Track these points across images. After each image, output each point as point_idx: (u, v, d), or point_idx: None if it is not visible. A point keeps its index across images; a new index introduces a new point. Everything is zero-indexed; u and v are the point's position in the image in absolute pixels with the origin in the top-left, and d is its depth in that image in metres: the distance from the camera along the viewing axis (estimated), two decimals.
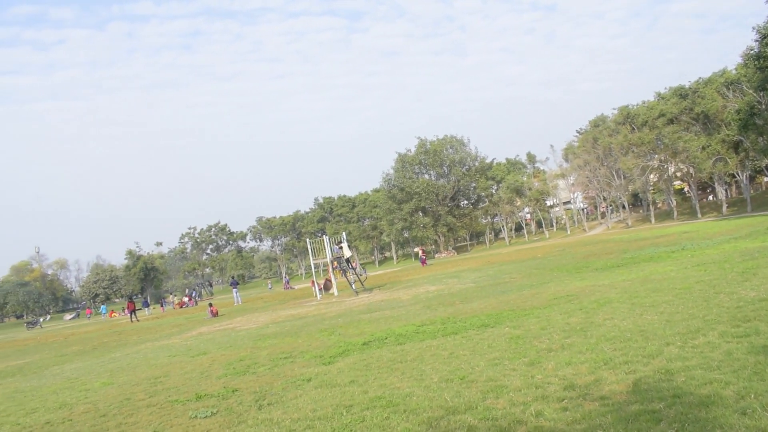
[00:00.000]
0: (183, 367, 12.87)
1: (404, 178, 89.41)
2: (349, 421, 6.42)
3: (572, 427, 5.38)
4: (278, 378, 9.60)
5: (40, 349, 27.69)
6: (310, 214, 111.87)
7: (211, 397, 8.93)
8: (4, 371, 18.99)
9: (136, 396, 10.09)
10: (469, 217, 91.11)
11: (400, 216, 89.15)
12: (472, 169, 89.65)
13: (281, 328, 18.19)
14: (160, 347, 18.44)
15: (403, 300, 20.88)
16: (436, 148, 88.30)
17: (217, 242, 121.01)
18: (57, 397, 11.43)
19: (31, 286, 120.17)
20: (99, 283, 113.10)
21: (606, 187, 72.54)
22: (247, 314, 27.59)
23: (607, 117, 74.98)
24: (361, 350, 11.14)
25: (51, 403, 10.82)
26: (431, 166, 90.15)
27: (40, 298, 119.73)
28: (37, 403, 11.16)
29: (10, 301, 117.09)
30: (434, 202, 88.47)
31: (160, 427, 7.57)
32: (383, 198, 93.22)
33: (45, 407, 10.51)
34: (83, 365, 16.97)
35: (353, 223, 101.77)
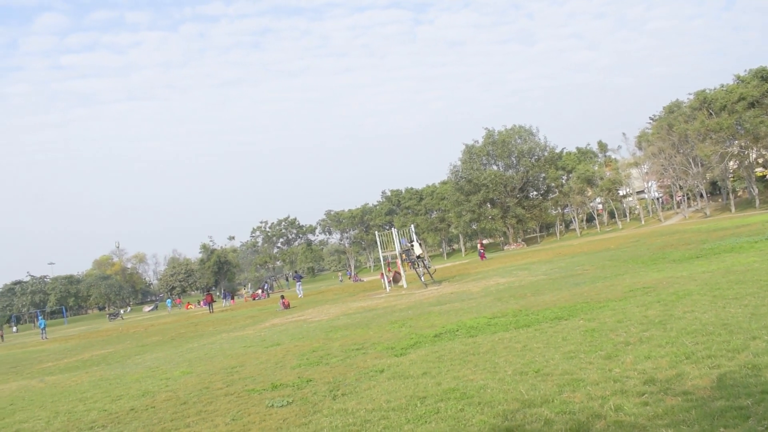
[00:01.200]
0: (258, 357, 13.18)
1: (472, 169, 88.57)
2: (424, 413, 6.43)
3: (654, 422, 5.24)
4: (351, 369, 9.72)
5: (122, 339, 28.86)
6: (378, 207, 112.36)
7: (286, 386, 9.12)
8: (90, 360, 19.90)
9: (214, 385, 10.40)
10: (539, 208, 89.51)
11: (468, 208, 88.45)
12: (541, 159, 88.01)
13: (352, 319, 18.38)
14: (235, 338, 18.92)
15: (473, 292, 20.74)
16: (504, 139, 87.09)
17: (287, 236, 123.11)
18: (140, 385, 11.90)
19: (113, 280, 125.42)
20: (175, 276, 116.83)
21: (682, 176, 69.97)
22: (318, 306, 27.99)
23: (682, 102, 72.26)
24: (433, 342, 11.15)
25: (134, 391, 11.28)
26: (499, 156, 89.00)
27: (120, 291, 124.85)
28: (122, 390, 11.65)
29: (93, 293, 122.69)
30: (503, 193, 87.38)
31: (239, 415, 7.77)
32: (451, 190, 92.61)
33: (129, 395, 10.97)
34: (163, 355, 17.60)
35: (421, 215, 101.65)
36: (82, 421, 9.06)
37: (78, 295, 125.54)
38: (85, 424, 8.84)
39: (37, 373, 18.40)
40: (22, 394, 13.75)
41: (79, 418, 9.42)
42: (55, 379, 15.60)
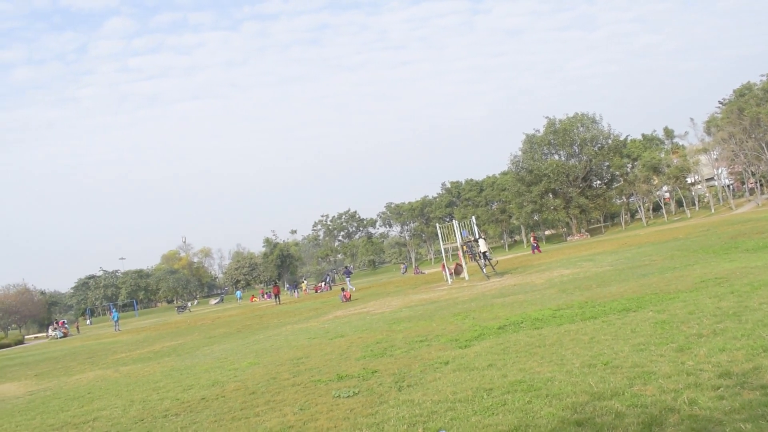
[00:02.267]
0: (322, 348, 13.36)
1: (533, 159, 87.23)
2: (490, 404, 6.40)
3: (730, 417, 5.08)
4: (415, 360, 9.74)
5: (190, 331, 29.71)
6: (437, 199, 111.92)
7: (351, 377, 9.22)
8: (161, 351, 20.55)
9: (281, 375, 10.60)
10: (603, 197, 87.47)
11: (530, 198, 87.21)
12: (604, 147, 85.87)
13: (414, 312, 18.41)
14: (300, 330, 19.22)
15: (537, 284, 20.48)
16: (566, 127, 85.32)
17: (348, 229, 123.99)
18: (209, 376, 12.23)
19: (180, 273, 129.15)
20: (240, 270, 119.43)
21: (754, 161, 67.20)
22: (380, 298, 28.14)
23: (754, 84, 69.33)
24: (497, 334, 11.07)
25: (204, 381, 11.60)
26: (561, 145, 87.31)
27: (187, 284, 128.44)
28: (192, 380, 11.99)
29: (161, 287, 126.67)
30: (565, 183, 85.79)
31: (306, 405, 7.90)
32: (511, 181, 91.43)
33: (199, 384, 11.29)
34: (230, 346, 18.04)
35: (481, 207, 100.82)
36: (157, 410, 9.37)
37: (147, 288, 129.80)
38: (159, 412, 9.14)
39: (112, 363, 19.12)
40: (98, 383, 14.32)
41: (154, 406, 9.75)
42: (129, 369, 16.18)
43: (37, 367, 22.83)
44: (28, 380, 18.21)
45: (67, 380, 16.22)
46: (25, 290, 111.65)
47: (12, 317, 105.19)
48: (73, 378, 16.52)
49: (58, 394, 13.46)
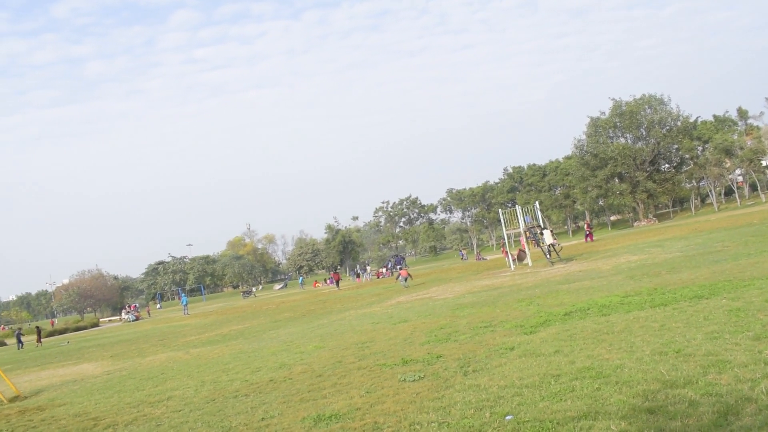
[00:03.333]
0: (386, 333, 13.47)
1: (598, 143, 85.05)
2: (558, 390, 6.34)
3: None
4: (480, 346, 9.72)
5: (256, 315, 30.37)
6: (499, 184, 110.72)
7: (416, 362, 9.27)
8: (228, 335, 21.10)
9: (346, 359, 10.75)
10: (671, 181, 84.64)
11: (595, 183, 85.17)
12: (673, 129, 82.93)
13: (477, 297, 18.34)
14: (363, 315, 19.41)
15: (603, 270, 20.08)
16: (633, 109, 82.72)
17: (409, 215, 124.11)
18: (276, 358, 12.50)
19: (245, 259, 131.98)
20: (303, 256, 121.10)
21: None
22: (443, 284, 28.13)
23: None
24: (563, 321, 10.92)
25: (272, 364, 11.87)
26: (627, 128, 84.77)
27: (252, 270, 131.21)
28: (260, 363, 12.28)
29: (227, 272, 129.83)
30: (631, 167, 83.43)
31: (372, 388, 8.00)
32: (575, 165, 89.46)
33: (267, 367, 11.56)
34: (295, 330, 18.37)
35: (544, 192, 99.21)
36: (227, 390, 9.65)
37: (214, 274, 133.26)
38: (230, 392, 9.41)
39: (183, 345, 19.75)
40: (170, 364, 14.83)
41: (224, 387, 10.04)
42: (199, 352, 16.68)
43: (112, 349, 23.79)
44: (105, 361, 19.00)
45: (141, 361, 16.85)
46: (100, 275, 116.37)
47: (87, 301, 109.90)
48: (147, 359, 17.14)
49: (133, 374, 14.01)
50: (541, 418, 5.57)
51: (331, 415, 6.88)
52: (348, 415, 6.75)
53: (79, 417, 9.55)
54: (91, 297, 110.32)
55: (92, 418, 9.25)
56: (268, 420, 7.19)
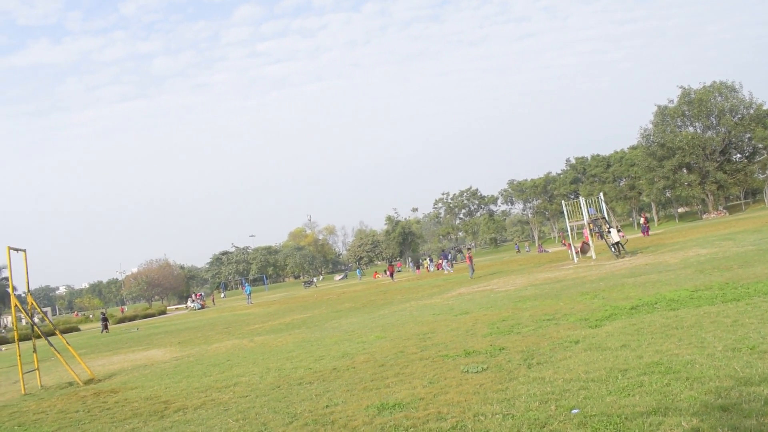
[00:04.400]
0: (448, 324, 13.46)
1: (665, 132, 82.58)
2: (626, 385, 6.22)
3: None
4: (544, 339, 9.61)
5: (318, 305, 30.79)
6: (562, 175, 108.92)
7: (479, 353, 9.24)
8: (291, 323, 21.46)
9: (408, 349, 10.79)
10: (743, 172, 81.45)
11: (662, 174, 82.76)
12: (745, 117, 79.69)
13: (540, 290, 18.11)
14: (424, 306, 19.43)
15: (671, 263, 19.52)
16: (702, 97, 79.87)
17: (469, 207, 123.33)
18: (339, 348, 12.65)
19: (306, 250, 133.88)
20: (363, 247, 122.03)
21: None
22: (504, 276, 27.89)
23: None
24: (630, 314, 10.69)
25: (334, 352, 12.02)
26: (696, 117, 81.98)
27: (313, 261, 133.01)
28: (323, 351, 12.46)
29: (289, 263, 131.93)
30: (700, 157, 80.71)
31: (435, 378, 8.01)
32: (641, 155, 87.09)
33: (330, 355, 11.71)
34: (356, 320, 18.54)
35: (608, 183, 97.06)
36: (291, 378, 9.83)
37: (276, 264, 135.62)
38: (294, 380, 9.58)
39: (247, 333, 20.20)
40: (236, 351, 15.19)
41: (288, 374, 10.23)
42: (263, 340, 17.03)
43: (179, 336, 24.53)
44: (173, 347, 19.61)
45: (207, 348, 17.32)
46: (167, 265, 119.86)
47: (155, 289, 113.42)
48: (213, 346, 17.61)
49: (200, 361, 14.42)
50: (609, 412, 5.47)
51: (395, 404, 6.93)
52: (411, 405, 6.79)
53: (150, 400, 9.89)
54: (159, 285, 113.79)
55: (163, 401, 9.57)
56: (332, 407, 7.30)
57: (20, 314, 16.75)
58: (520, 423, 5.55)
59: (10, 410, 11.23)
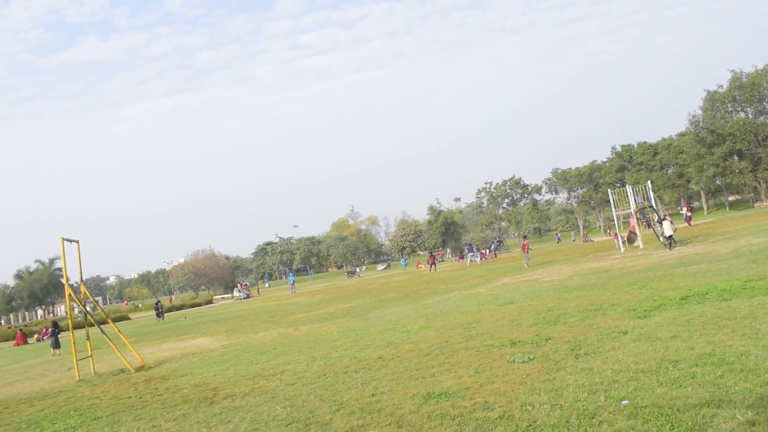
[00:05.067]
0: (492, 314, 13.39)
1: (714, 118, 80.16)
2: (677, 377, 6.10)
3: None
4: (591, 329, 9.48)
5: (361, 295, 30.93)
6: (607, 163, 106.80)
7: (525, 343, 9.17)
8: (335, 313, 21.62)
9: (453, 339, 10.77)
10: None
11: (711, 161, 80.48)
12: None
13: (586, 280, 17.86)
14: (468, 296, 19.36)
15: (722, 253, 19.04)
16: (754, 81, 77.12)
17: (512, 196, 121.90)
18: (383, 337, 12.71)
19: (348, 240, 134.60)
20: (405, 237, 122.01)
21: None
22: (549, 266, 27.59)
23: None
24: (679, 305, 10.47)
25: (379, 342, 12.08)
26: (748, 101, 79.27)
27: (356, 251, 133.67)
28: (368, 340, 12.53)
29: (332, 253, 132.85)
30: (752, 143, 78.16)
31: (481, 368, 7.99)
32: (690, 142, 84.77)
33: (375, 345, 11.77)
34: (400, 310, 18.57)
35: (655, 171, 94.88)
36: (337, 366, 9.92)
37: (319, 254, 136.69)
38: (340, 368, 9.67)
39: (292, 322, 20.43)
40: (281, 340, 15.38)
41: (334, 363, 10.33)
42: (308, 329, 17.20)
43: (226, 324, 24.95)
44: (220, 335, 19.96)
45: (254, 337, 17.57)
46: (212, 255, 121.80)
47: (201, 279, 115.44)
48: (259, 335, 17.86)
49: (246, 349, 14.64)
50: (660, 404, 5.38)
51: (441, 393, 6.93)
52: (458, 394, 6.78)
53: (199, 387, 10.10)
54: (205, 275, 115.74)
55: (212, 388, 9.76)
56: (378, 396, 7.34)
57: (73, 303, 17.24)
58: (569, 413, 5.50)
59: (66, 395, 11.60)
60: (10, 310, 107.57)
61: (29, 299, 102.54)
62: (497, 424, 5.56)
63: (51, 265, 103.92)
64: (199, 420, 7.67)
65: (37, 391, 13.07)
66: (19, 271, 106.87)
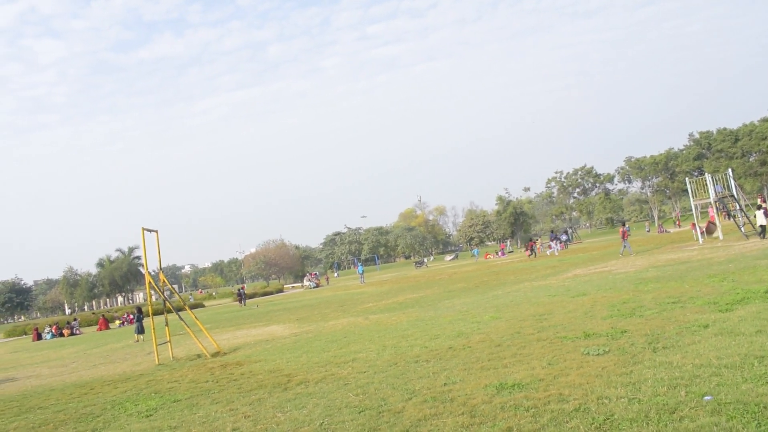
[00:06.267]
0: (565, 306, 13.16)
1: None
2: (764, 373, 5.84)
3: None
4: (669, 322, 9.20)
5: (430, 285, 30.93)
6: (684, 151, 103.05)
7: (599, 336, 8.98)
8: (404, 303, 21.70)
9: (524, 330, 10.65)
10: None
11: None
12: None
13: (662, 272, 17.32)
14: (538, 287, 19.08)
15: None
16: None
17: (584, 185, 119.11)
18: (453, 327, 12.68)
19: (416, 231, 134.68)
20: (473, 228, 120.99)
21: None
22: (623, 258, 26.89)
23: None
24: (764, 298, 10.02)
25: (449, 332, 12.06)
26: None
27: (423, 241, 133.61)
28: (438, 330, 12.52)
29: (400, 243, 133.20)
30: None
31: (554, 360, 7.87)
32: None
33: (445, 335, 11.76)
34: (469, 300, 18.48)
35: (736, 159, 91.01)
36: (408, 355, 9.96)
37: (387, 244, 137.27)
38: (411, 357, 9.70)
39: (362, 312, 20.62)
40: (351, 329, 15.55)
41: (404, 352, 10.38)
42: (378, 318, 17.33)
43: (297, 313, 25.41)
44: (291, 323, 20.35)
45: (324, 325, 17.84)
46: (283, 245, 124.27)
47: (272, 269, 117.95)
48: (329, 323, 18.11)
49: (318, 337, 14.88)
50: (745, 400, 5.18)
51: (514, 384, 6.87)
52: (531, 385, 6.71)
53: (273, 373, 10.34)
54: (275, 265, 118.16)
55: (285, 374, 9.97)
56: (450, 385, 7.34)
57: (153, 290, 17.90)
58: (648, 408, 5.36)
59: (147, 378, 12.08)
60: (92, 297, 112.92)
61: (110, 286, 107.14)
62: (573, 416, 5.47)
63: (130, 254, 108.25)
64: (274, 405, 7.86)
65: (119, 373, 13.67)
66: (100, 260, 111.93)
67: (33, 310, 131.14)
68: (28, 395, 12.18)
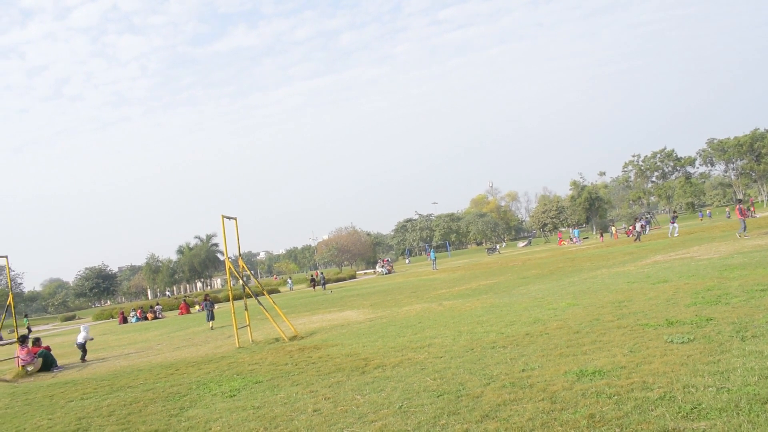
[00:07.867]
0: (645, 293, 12.82)
1: None
2: None
3: None
4: (758, 310, 8.84)
5: (503, 271, 30.66)
6: None
7: (683, 324, 8.72)
8: (478, 289, 21.61)
9: (603, 317, 10.45)
10: None
11: None
12: None
13: (749, 258, 16.60)
14: (616, 273, 18.64)
15: None
16: None
17: (663, 169, 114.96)
18: (529, 313, 12.56)
19: (488, 217, 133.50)
20: (547, 213, 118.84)
21: None
22: (705, 243, 25.91)
23: None
24: None
25: (525, 318, 11.96)
26: None
27: (495, 227, 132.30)
28: (513, 317, 12.43)
29: (471, 230, 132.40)
30: None
31: (636, 347, 7.70)
32: None
33: (521, 321, 11.67)
34: (545, 287, 18.23)
35: None
36: (484, 341, 9.94)
37: (458, 231, 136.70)
38: (487, 343, 9.68)
39: (435, 298, 20.66)
40: (425, 314, 15.62)
41: (480, 338, 10.36)
42: (451, 304, 17.32)
43: (370, 299, 25.67)
44: (365, 309, 20.59)
45: (398, 311, 17.97)
46: (355, 232, 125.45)
47: (344, 255, 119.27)
48: (403, 309, 18.23)
49: (392, 322, 15.01)
50: None
51: (594, 371, 6.76)
52: (612, 373, 6.59)
53: (350, 357, 10.52)
54: (348, 251, 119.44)
55: (362, 358, 10.13)
56: (528, 371, 7.29)
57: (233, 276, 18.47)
58: (737, 398, 5.19)
59: (229, 360, 12.50)
60: (173, 283, 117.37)
61: (189, 273, 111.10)
62: (658, 404, 5.36)
63: (208, 241, 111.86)
64: (352, 387, 8.00)
65: (202, 355, 14.19)
66: (180, 247, 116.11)
67: (118, 294, 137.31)
68: (118, 375, 12.81)
